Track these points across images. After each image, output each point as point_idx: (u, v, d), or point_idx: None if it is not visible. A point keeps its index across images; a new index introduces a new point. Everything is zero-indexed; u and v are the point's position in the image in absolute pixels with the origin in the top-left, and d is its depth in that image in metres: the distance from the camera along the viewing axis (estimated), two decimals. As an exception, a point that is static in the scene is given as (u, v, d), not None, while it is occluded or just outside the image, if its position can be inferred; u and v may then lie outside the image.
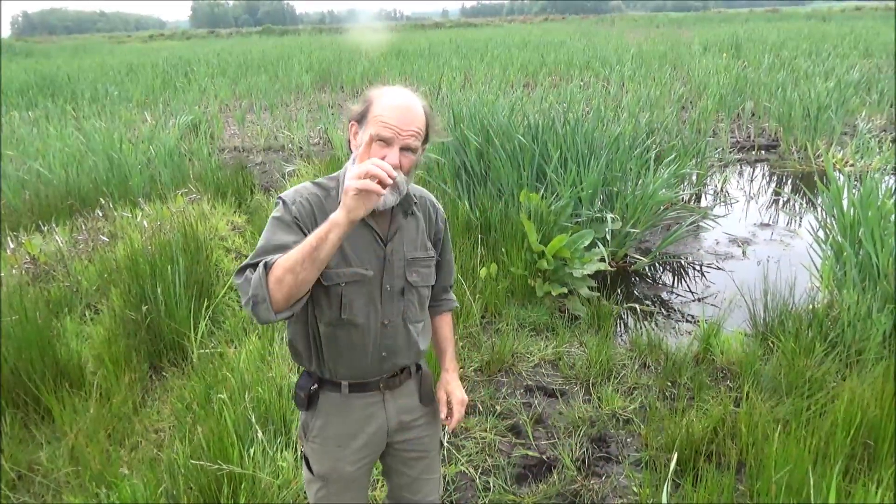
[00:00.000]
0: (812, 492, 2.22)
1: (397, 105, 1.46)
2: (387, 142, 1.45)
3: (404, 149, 1.47)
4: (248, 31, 59.59)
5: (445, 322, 1.87)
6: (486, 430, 2.99)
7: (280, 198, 1.53)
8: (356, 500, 1.70)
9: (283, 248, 1.41)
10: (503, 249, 4.55)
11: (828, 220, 4.71)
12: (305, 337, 1.58)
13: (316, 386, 1.61)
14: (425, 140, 1.54)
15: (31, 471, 2.68)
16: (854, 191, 4.50)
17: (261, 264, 1.35)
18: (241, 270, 1.39)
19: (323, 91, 15.68)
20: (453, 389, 1.73)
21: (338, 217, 1.30)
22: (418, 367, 1.74)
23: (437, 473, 1.84)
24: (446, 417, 1.72)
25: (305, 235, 1.42)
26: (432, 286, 1.73)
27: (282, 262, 1.33)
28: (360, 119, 1.50)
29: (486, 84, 12.93)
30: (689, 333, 4.07)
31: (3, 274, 4.25)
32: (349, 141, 1.55)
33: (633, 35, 26.96)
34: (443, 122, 6.57)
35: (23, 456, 2.73)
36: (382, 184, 1.28)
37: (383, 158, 1.43)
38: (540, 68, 16.07)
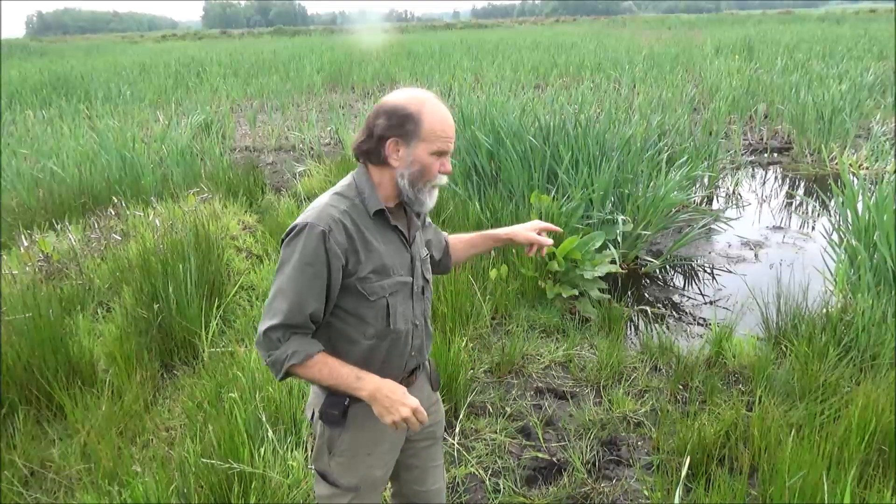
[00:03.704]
0: (826, 497, 2.20)
1: (445, 117, 1.52)
2: (444, 153, 1.52)
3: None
4: (260, 32, 59.79)
5: (453, 237, 1.94)
6: (495, 432, 2.98)
7: (313, 225, 1.44)
8: (380, 500, 1.77)
9: (312, 318, 1.48)
10: (513, 251, 4.54)
11: (842, 224, 4.66)
12: (341, 356, 1.53)
13: (348, 401, 1.56)
14: None
15: (44, 467, 2.70)
16: (869, 194, 4.46)
17: (286, 362, 1.44)
18: (270, 329, 1.45)
19: (334, 92, 15.72)
20: (512, 228, 1.91)
21: (361, 392, 1.46)
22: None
23: (441, 460, 1.91)
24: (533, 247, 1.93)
25: (346, 262, 1.48)
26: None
27: (308, 366, 1.46)
28: (403, 134, 1.48)
29: (496, 85, 12.91)
30: (701, 337, 4.04)
31: (16, 272, 4.29)
32: (387, 156, 1.50)
33: (644, 37, 26.84)
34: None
35: (35, 452, 2.75)
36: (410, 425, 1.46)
37: (442, 167, 1.53)
38: (551, 70, 16.03)
